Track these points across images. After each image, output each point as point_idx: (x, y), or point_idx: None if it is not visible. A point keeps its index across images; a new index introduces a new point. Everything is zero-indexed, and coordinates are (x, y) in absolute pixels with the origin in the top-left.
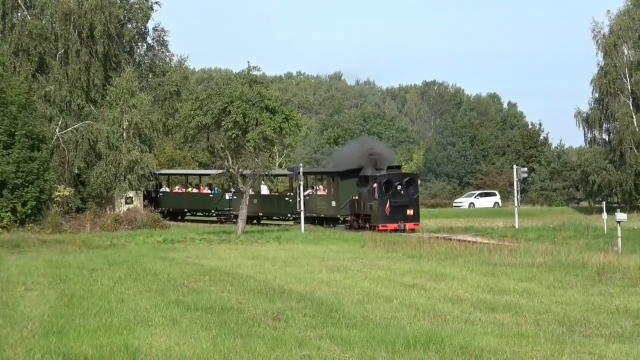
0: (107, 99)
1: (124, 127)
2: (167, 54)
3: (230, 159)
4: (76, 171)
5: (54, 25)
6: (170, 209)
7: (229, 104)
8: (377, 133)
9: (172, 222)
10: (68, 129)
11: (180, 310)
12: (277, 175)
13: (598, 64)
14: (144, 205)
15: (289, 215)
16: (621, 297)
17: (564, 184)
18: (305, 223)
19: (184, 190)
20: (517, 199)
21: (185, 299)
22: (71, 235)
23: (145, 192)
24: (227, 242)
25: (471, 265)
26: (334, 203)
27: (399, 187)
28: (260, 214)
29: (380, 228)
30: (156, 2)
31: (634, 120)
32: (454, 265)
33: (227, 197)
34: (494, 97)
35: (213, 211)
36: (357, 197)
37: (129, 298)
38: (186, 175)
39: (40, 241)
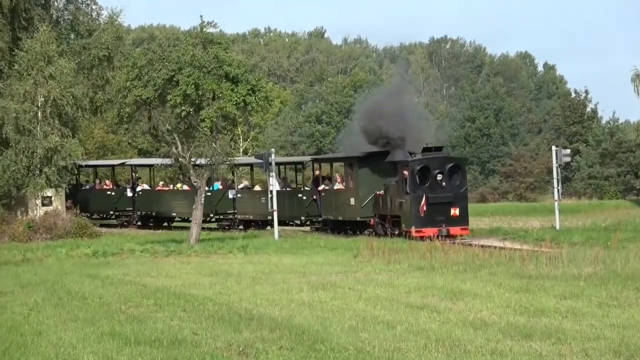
0: (17, 67)
1: (39, 104)
2: (94, 7)
3: (179, 144)
4: None
5: None
6: (152, 213)
7: (177, 72)
8: None
9: (103, 230)
10: None
11: (117, 344)
12: (240, 165)
13: None
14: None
15: (302, 218)
16: None
17: (619, 170)
18: (320, 231)
19: (170, 187)
20: (558, 190)
21: (123, 330)
22: None
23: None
24: (177, 253)
25: (498, 279)
26: (352, 200)
27: (439, 177)
28: (269, 217)
29: (414, 234)
30: None
31: None
32: (475, 279)
33: (230, 195)
34: (526, 58)
35: (212, 214)
36: (382, 192)
37: (48, 330)
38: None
39: None
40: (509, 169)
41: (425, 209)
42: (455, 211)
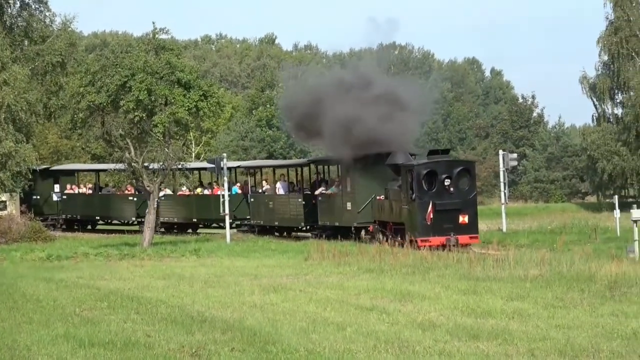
0: None
1: None
2: (48, 14)
3: (132, 149)
4: None
5: None
6: (175, 220)
7: (130, 78)
8: None
9: (69, 233)
10: None
11: (71, 346)
12: (194, 170)
13: (607, 18)
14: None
15: (302, 224)
16: (639, 317)
17: (564, 174)
18: (318, 238)
19: (190, 192)
20: (505, 193)
21: (77, 332)
22: None
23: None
24: (130, 257)
25: (446, 281)
26: (349, 205)
27: (447, 183)
28: (276, 223)
29: (420, 243)
30: None
31: None
32: (424, 281)
33: (251, 198)
34: (474, 64)
35: (231, 220)
36: (382, 197)
37: (3, 332)
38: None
39: None
40: None
41: (432, 216)
42: (464, 218)
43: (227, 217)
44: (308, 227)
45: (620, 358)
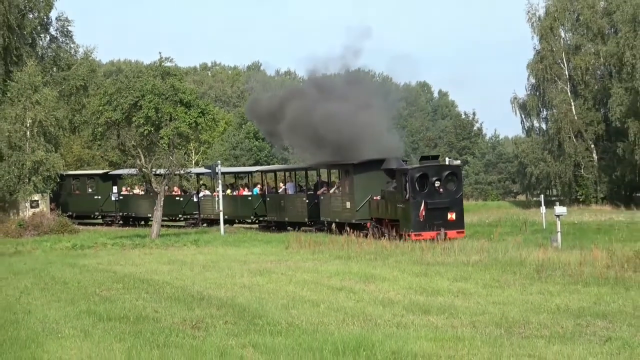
0: (9, 95)
1: (27, 125)
2: (72, 45)
3: (142, 157)
4: None
5: None
6: (212, 217)
7: (140, 98)
8: None
9: (81, 227)
10: None
11: (92, 320)
12: (195, 174)
13: (534, 48)
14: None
15: (306, 220)
16: (561, 295)
17: (499, 177)
18: (320, 231)
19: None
20: None
21: (97, 309)
22: None
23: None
24: (141, 246)
25: (403, 266)
26: (348, 204)
27: (437, 184)
28: (286, 218)
29: (414, 237)
30: None
31: (572, 107)
32: (384, 265)
33: (267, 198)
34: (424, 86)
35: (252, 217)
36: (378, 197)
37: (36, 309)
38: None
39: None
40: None
41: (424, 214)
42: (452, 215)
43: (221, 213)
44: (312, 222)
45: (546, 328)
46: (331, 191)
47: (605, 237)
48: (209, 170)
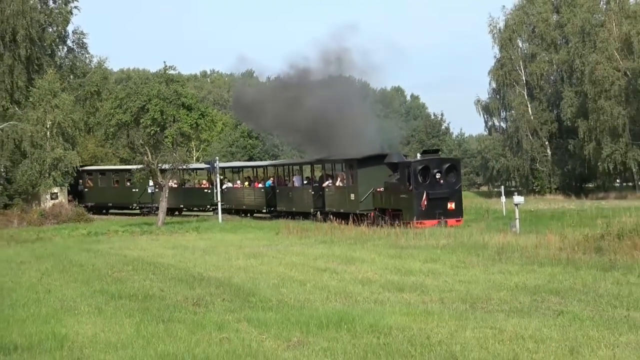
0: (31, 100)
1: (48, 126)
2: (87, 55)
3: (149, 154)
4: (2, 169)
5: None
6: (233, 207)
7: (147, 102)
8: None
9: (96, 216)
10: None
11: (105, 298)
12: (195, 169)
13: (495, 57)
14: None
15: (312, 210)
16: (519, 274)
17: (464, 171)
18: (324, 220)
19: (241, 185)
20: None
21: (109, 288)
22: None
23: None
24: (148, 233)
25: (379, 249)
26: (352, 196)
27: (437, 176)
28: (294, 209)
29: (416, 225)
30: (75, 7)
31: (529, 109)
32: (363, 249)
33: (277, 190)
34: (398, 90)
35: (265, 207)
36: (381, 189)
37: (55, 289)
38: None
39: None
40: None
41: (425, 203)
42: (451, 205)
43: (219, 203)
44: (318, 212)
45: (506, 304)
46: (337, 183)
47: (558, 223)
48: (208, 165)
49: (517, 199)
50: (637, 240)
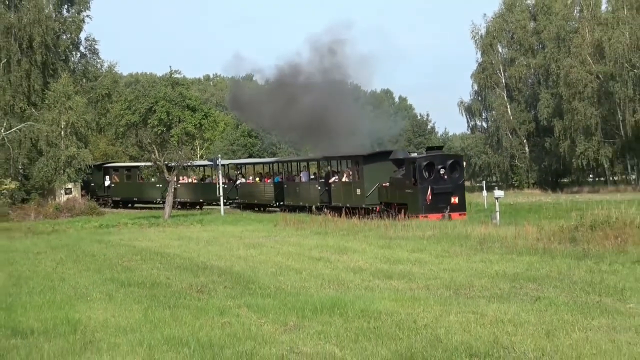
0: (46, 102)
1: (62, 126)
2: (99, 61)
3: (156, 152)
4: (20, 167)
5: None
6: (245, 201)
7: (155, 104)
8: None
9: (114, 210)
10: (12, 130)
11: (115, 286)
12: (199, 166)
13: (477, 61)
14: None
15: (318, 204)
16: (500, 263)
17: None
18: (330, 214)
19: (253, 181)
20: None
21: (119, 276)
22: (17, 223)
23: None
24: (156, 225)
25: (370, 240)
26: (358, 191)
27: (442, 171)
28: (301, 203)
29: (421, 218)
30: (87, 16)
31: (508, 110)
32: (355, 239)
33: (285, 185)
34: (387, 93)
35: (274, 202)
36: (387, 184)
37: (69, 277)
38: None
39: None
40: None
41: (430, 198)
42: (455, 199)
43: (221, 198)
44: (324, 206)
45: (487, 290)
46: (343, 179)
47: (536, 215)
48: (212, 162)
49: (498, 193)
50: (608, 231)
